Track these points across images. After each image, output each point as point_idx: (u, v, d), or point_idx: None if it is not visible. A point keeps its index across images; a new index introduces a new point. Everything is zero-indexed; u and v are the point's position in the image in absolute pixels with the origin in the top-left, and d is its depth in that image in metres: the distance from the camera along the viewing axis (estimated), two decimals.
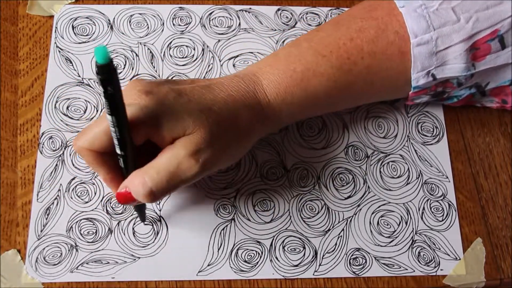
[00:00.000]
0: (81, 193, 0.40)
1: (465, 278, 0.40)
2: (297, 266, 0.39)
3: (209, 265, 0.39)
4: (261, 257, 0.39)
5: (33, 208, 0.39)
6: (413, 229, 0.41)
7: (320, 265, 0.39)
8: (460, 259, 0.40)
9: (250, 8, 0.47)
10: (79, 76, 0.43)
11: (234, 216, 0.40)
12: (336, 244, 0.40)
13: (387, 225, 0.41)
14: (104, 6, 0.45)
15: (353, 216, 0.41)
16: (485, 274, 0.40)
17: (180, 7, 0.46)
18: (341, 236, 0.40)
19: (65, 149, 0.41)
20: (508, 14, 0.35)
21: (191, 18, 0.46)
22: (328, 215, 0.41)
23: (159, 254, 0.39)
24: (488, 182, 0.43)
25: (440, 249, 0.40)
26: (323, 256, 0.39)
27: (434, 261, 0.40)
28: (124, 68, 0.44)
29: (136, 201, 0.32)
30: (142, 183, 0.31)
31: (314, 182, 0.41)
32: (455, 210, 0.42)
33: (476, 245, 0.41)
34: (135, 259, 0.38)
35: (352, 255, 0.40)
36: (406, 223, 0.41)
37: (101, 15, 0.45)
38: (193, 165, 0.32)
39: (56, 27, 0.44)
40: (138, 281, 0.38)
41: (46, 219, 0.39)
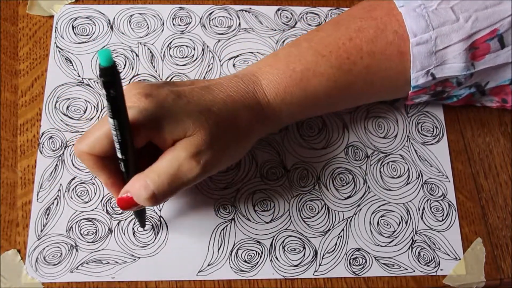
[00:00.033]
0: (81, 193, 0.40)
1: (465, 278, 0.40)
2: (297, 266, 0.39)
3: (209, 265, 0.39)
4: (261, 257, 0.39)
5: (33, 208, 0.39)
6: (413, 229, 0.41)
7: (320, 265, 0.39)
8: (460, 259, 0.40)
9: (250, 8, 0.47)
10: (79, 76, 0.43)
11: (234, 216, 0.40)
12: (336, 244, 0.40)
13: (387, 225, 0.41)
14: (104, 6, 0.45)
15: (353, 216, 0.41)
16: (485, 274, 0.40)
17: (180, 7, 0.46)
18: (341, 236, 0.40)
19: (65, 149, 0.41)
20: (507, 14, 0.35)
21: (191, 18, 0.46)
22: (328, 215, 0.41)
23: (159, 254, 0.39)
24: (488, 182, 0.43)
25: (440, 249, 0.40)
26: (323, 256, 0.39)
27: (434, 261, 0.40)
28: (124, 68, 0.44)
29: (137, 205, 0.32)
30: (144, 186, 0.31)
31: (314, 182, 0.41)
32: (455, 210, 0.41)
33: (476, 245, 0.41)
34: (135, 259, 0.38)
35: (352, 255, 0.40)
36: (406, 223, 0.41)
37: (101, 15, 0.45)
38: (194, 167, 0.32)
39: (56, 27, 0.44)
40: (138, 281, 0.38)
41: (46, 219, 0.39)
